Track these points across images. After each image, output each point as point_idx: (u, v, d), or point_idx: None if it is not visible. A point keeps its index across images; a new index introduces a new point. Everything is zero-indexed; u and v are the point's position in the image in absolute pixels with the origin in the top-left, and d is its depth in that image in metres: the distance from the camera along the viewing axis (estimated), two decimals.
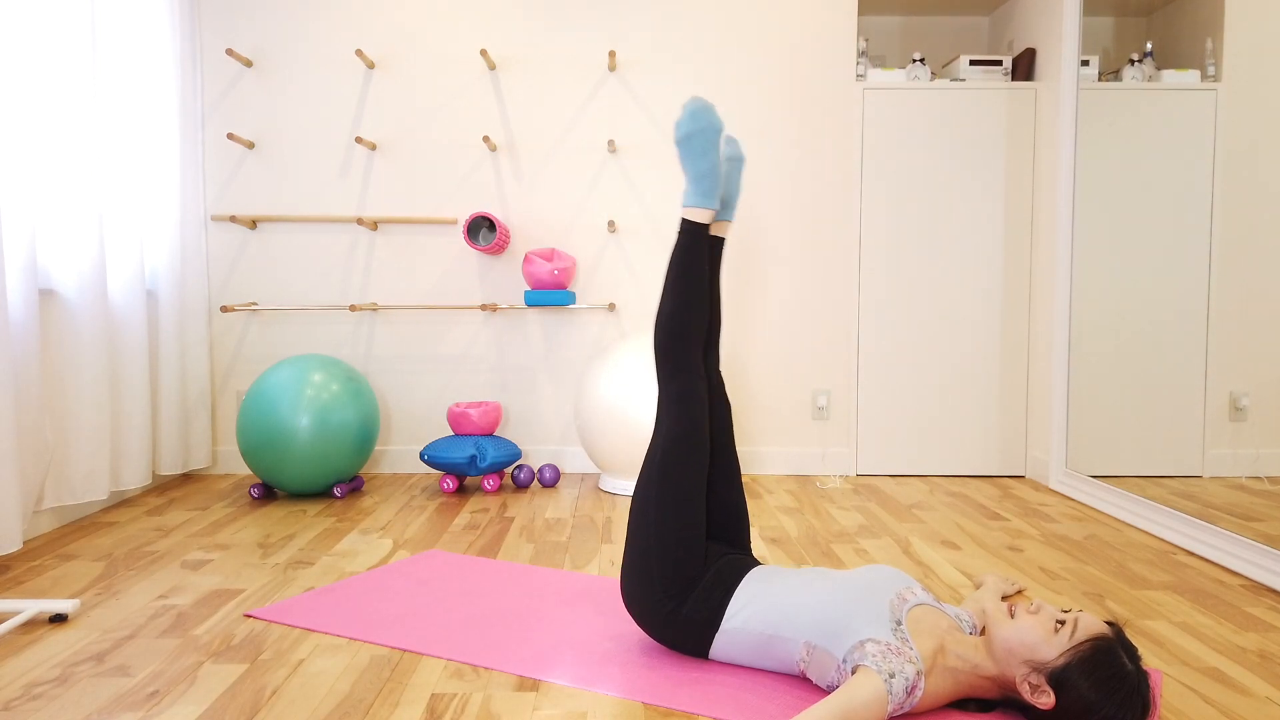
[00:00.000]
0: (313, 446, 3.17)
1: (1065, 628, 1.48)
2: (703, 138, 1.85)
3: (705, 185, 1.87)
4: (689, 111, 1.86)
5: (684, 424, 1.82)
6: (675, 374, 1.86)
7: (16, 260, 2.55)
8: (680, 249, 1.88)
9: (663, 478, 1.79)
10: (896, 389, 3.80)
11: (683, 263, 1.87)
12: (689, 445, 1.81)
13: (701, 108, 1.86)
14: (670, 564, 1.76)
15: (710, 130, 1.85)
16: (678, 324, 1.86)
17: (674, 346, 1.86)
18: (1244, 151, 2.67)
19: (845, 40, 3.77)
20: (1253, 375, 2.65)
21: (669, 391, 1.86)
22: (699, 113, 1.85)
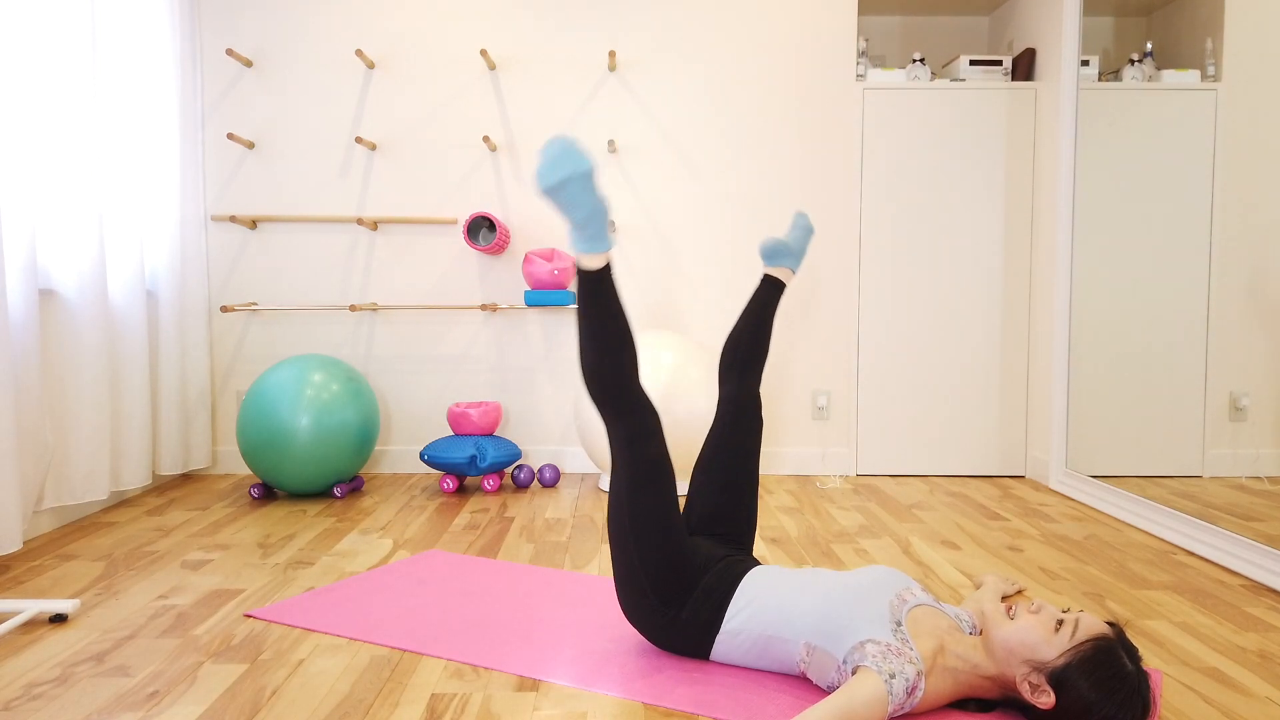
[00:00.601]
0: (313, 446, 3.17)
1: (1065, 628, 1.48)
2: (574, 185, 1.66)
3: (590, 230, 1.70)
4: (548, 160, 1.65)
5: (641, 464, 1.75)
6: (619, 417, 1.78)
7: (16, 260, 2.55)
8: (583, 299, 1.74)
9: (634, 516, 1.76)
10: (896, 389, 3.80)
11: (590, 311, 1.74)
12: (651, 482, 1.75)
13: (560, 153, 1.65)
14: (660, 582, 1.76)
15: (578, 175, 1.65)
16: (605, 371, 1.75)
17: (609, 393, 1.77)
18: (1244, 151, 2.67)
19: (845, 40, 3.77)
20: (1253, 375, 2.65)
21: (617, 435, 1.78)
22: (559, 159, 1.64)
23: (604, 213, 1.71)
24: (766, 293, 2.23)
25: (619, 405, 1.77)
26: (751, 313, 2.20)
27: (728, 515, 1.98)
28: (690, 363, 3.33)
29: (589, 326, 1.74)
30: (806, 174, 3.80)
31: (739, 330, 2.19)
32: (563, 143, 1.65)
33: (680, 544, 1.77)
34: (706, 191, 3.81)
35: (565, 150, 1.65)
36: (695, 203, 3.81)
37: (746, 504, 2.01)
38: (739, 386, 2.11)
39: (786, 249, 2.27)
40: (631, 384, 1.78)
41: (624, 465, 1.77)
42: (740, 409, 2.07)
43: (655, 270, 3.82)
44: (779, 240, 2.27)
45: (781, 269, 2.26)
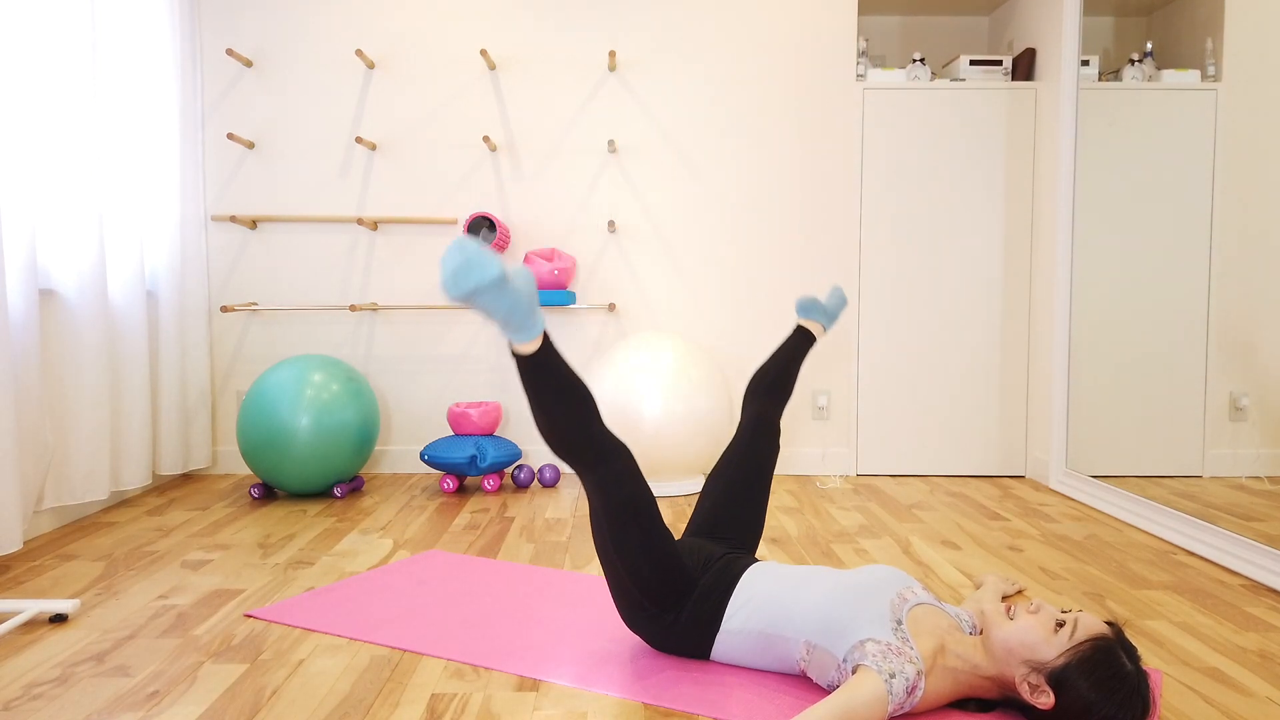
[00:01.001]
0: (313, 446, 3.17)
1: (1065, 628, 1.48)
2: (484, 293, 1.54)
3: (516, 321, 1.61)
4: (449, 274, 1.52)
5: (616, 507, 1.72)
6: (587, 469, 1.74)
7: (16, 260, 2.55)
8: (525, 379, 1.68)
9: (618, 548, 1.74)
10: (896, 389, 3.80)
11: (535, 387, 1.68)
12: (630, 520, 1.72)
13: (461, 265, 1.51)
14: (655, 594, 1.76)
15: (484, 284, 1.53)
16: (562, 433, 1.70)
17: (572, 452, 1.72)
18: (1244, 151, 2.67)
19: (845, 40, 3.77)
20: (1253, 375, 2.65)
21: (587, 482, 1.75)
22: (462, 271, 1.51)
23: (526, 302, 1.60)
24: (797, 342, 2.34)
25: (584, 459, 1.73)
26: (780, 358, 2.30)
27: (735, 522, 2.02)
28: (690, 363, 3.33)
29: (537, 400, 1.69)
30: (806, 174, 3.80)
31: (766, 369, 2.28)
32: (462, 255, 1.51)
33: (670, 561, 1.75)
34: (706, 191, 3.81)
35: (467, 261, 1.51)
36: (695, 203, 3.81)
37: (754, 513, 2.05)
38: (760, 413, 2.18)
39: (821, 308, 2.42)
40: (592, 437, 1.72)
41: (600, 508, 1.75)
42: (758, 431, 2.14)
43: (655, 270, 3.82)
44: (815, 299, 2.41)
45: (814, 323, 2.40)
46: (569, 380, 1.69)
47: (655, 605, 1.77)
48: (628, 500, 1.72)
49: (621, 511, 1.71)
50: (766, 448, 2.12)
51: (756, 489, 2.06)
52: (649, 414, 3.23)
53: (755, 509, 2.05)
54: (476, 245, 1.53)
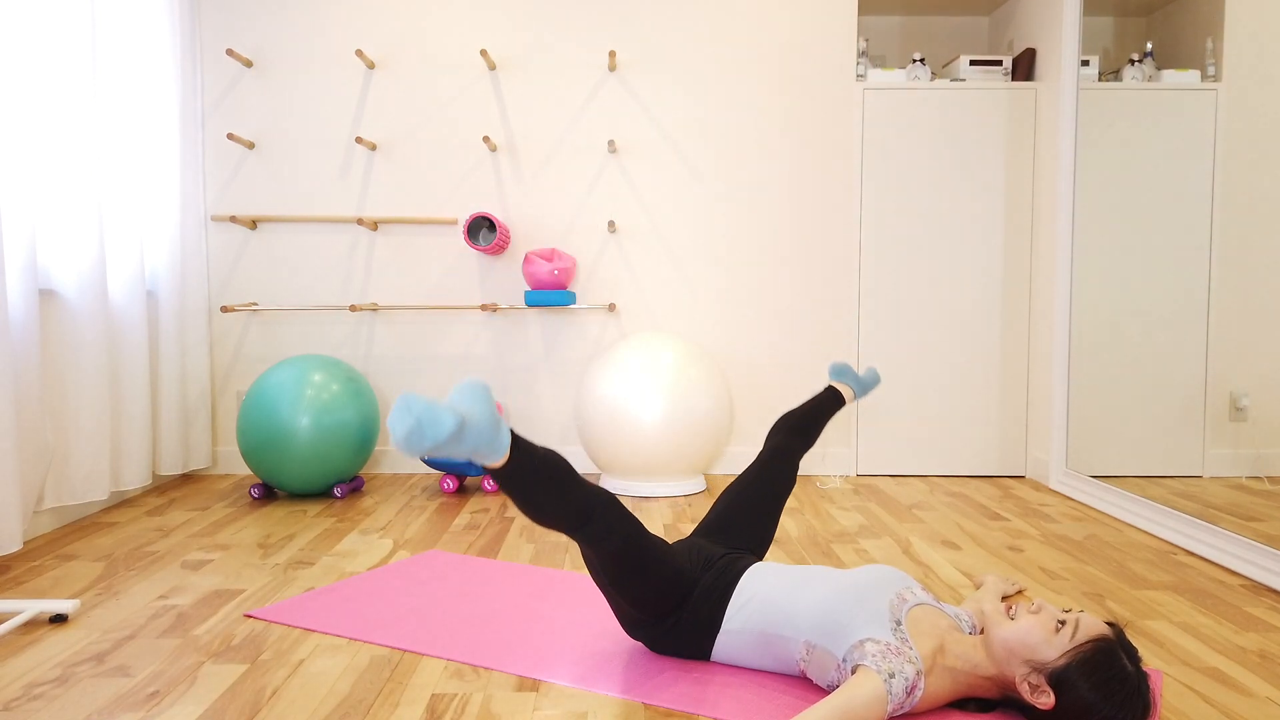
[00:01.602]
0: (313, 447, 3.17)
1: (1066, 628, 1.48)
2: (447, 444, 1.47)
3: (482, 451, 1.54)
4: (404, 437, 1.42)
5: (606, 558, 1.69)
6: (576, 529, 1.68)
7: (16, 260, 2.55)
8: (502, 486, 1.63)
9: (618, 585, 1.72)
10: (896, 389, 3.80)
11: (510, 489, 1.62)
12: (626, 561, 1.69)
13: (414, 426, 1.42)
14: (654, 610, 1.76)
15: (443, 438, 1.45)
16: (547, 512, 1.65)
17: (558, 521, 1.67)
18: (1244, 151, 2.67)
19: (845, 40, 3.77)
20: (1253, 375, 2.65)
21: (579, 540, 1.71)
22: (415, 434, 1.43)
23: (487, 431, 1.52)
24: (827, 401, 2.42)
25: (570, 524, 1.68)
26: (808, 413, 2.36)
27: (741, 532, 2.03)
28: (690, 363, 3.33)
29: (518, 497, 1.63)
30: (806, 174, 3.80)
31: (793, 418, 2.34)
32: (412, 417, 1.41)
33: (669, 581, 1.73)
34: (706, 191, 3.81)
35: (418, 423, 1.42)
36: (695, 203, 3.81)
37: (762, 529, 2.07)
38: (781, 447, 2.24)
39: (855, 376, 2.53)
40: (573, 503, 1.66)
41: (593, 558, 1.72)
42: (776, 459, 2.19)
43: (655, 270, 3.82)
44: (849, 366, 2.54)
45: (845, 387, 2.50)
46: (543, 468, 1.62)
47: (655, 617, 1.77)
48: (619, 549, 1.69)
49: (616, 560, 1.69)
50: (783, 476, 2.17)
51: (768, 506, 2.10)
52: (649, 414, 3.23)
53: (765, 523, 2.08)
54: (424, 403, 1.42)
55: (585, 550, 1.73)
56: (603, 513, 1.69)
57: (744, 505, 2.08)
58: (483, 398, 1.54)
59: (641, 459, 3.28)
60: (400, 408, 1.42)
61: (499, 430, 1.56)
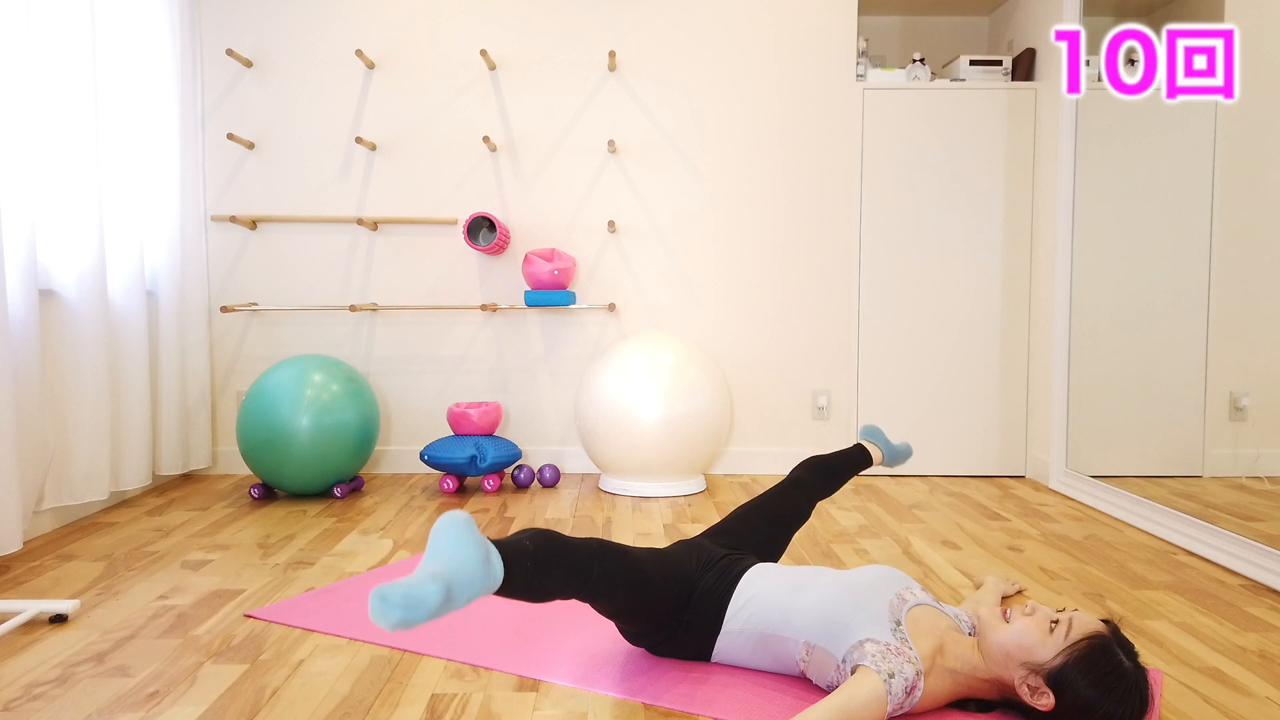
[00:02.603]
0: (313, 447, 3.17)
1: (1060, 628, 1.48)
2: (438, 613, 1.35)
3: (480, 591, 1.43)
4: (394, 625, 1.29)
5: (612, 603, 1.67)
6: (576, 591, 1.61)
7: (16, 260, 2.55)
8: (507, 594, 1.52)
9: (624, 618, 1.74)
10: (896, 389, 3.80)
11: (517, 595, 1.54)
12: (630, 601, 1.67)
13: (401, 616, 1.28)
14: (654, 621, 1.76)
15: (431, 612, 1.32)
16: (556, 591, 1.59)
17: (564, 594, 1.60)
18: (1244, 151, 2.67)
19: (845, 40, 3.77)
20: (1253, 375, 2.65)
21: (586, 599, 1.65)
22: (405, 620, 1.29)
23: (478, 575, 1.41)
24: (856, 456, 2.42)
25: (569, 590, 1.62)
26: (834, 462, 2.36)
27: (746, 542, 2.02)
28: (689, 362, 3.33)
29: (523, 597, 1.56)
30: (806, 174, 3.80)
31: (819, 462, 2.34)
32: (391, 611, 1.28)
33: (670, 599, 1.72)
34: (706, 191, 3.81)
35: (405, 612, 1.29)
36: (695, 203, 3.81)
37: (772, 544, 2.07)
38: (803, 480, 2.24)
39: (886, 441, 2.54)
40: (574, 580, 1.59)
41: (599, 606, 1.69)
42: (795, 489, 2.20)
43: (655, 270, 3.82)
44: (880, 431, 2.56)
45: (874, 448, 2.49)
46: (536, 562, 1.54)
47: (654, 620, 1.77)
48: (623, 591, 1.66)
49: (619, 604, 1.68)
50: (797, 508, 2.17)
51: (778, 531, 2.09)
52: (649, 414, 3.23)
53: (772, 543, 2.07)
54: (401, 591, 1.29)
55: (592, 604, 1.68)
56: (599, 567, 1.62)
57: (754, 523, 2.07)
58: (464, 539, 1.41)
59: (641, 459, 3.28)
60: (377, 605, 1.27)
61: (489, 567, 1.43)
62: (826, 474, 2.31)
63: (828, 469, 2.32)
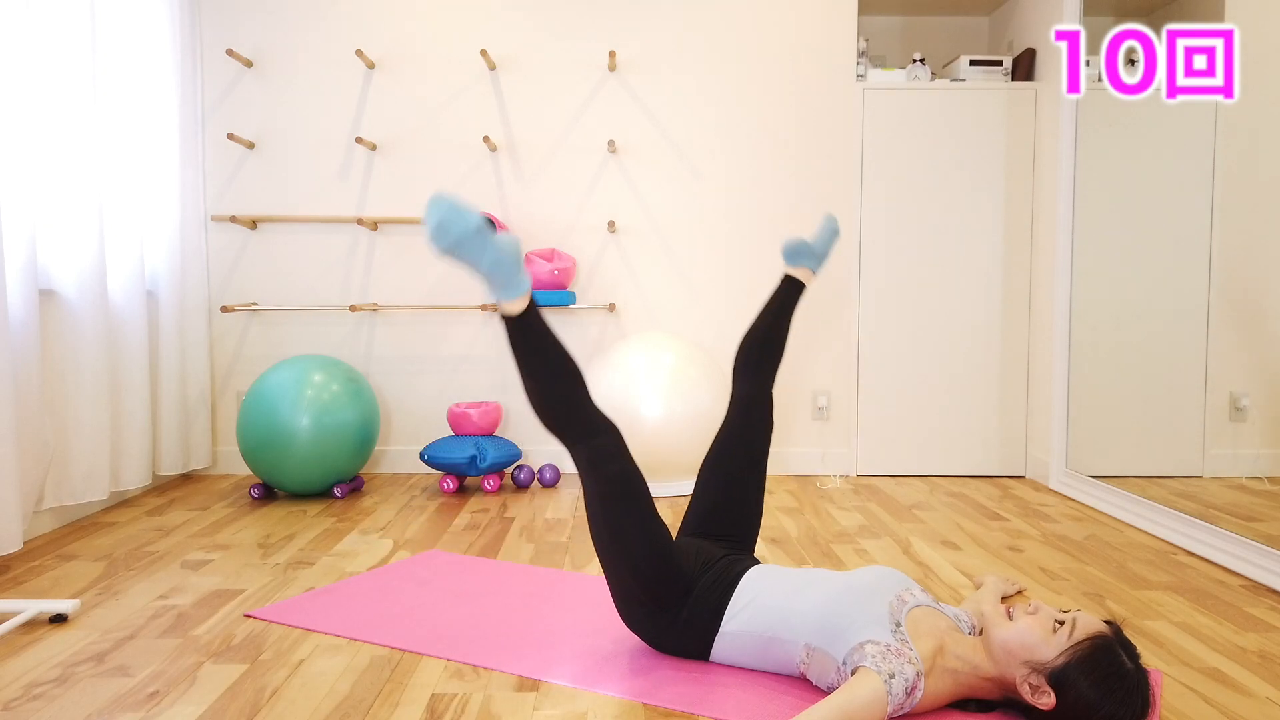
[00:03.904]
0: (313, 447, 3.17)
1: (1064, 628, 1.48)
2: (468, 243, 1.64)
3: (500, 277, 1.68)
4: (433, 226, 1.62)
5: (606, 484, 1.75)
6: (577, 441, 1.77)
7: (16, 260, 2.55)
8: (514, 343, 1.74)
9: (612, 533, 1.75)
10: (896, 389, 3.80)
11: (524, 352, 1.74)
12: (622, 499, 1.75)
13: (443, 218, 1.61)
14: (654, 590, 1.76)
15: (467, 233, 1.63)
16: (552, 402, 1.75)
17: (560, 421, 1.76)
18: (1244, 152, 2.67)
19: (845, 40, 3.77)
20: (1253, 375, 2.65)
21: (578, 458, 1.78)
22: (445, 224, 1.61)
23: (511, 257, 1.67)
24: (785, 293, 2.22)
25: (574, 433, 1.76)
26: (769, 313, 2.19)
27: (730, 515, 1.99)
28: (689, 362, 3.33)
29: (526, 367, 1.74)
30: (806, 174, 3.80)
31: (755, 330, 2.17)
32: (444, 205, 1.61)
33: (667, 552, 1.75)
34: (706, 191, 3.81)
35: (448, 213, 1.61)
36: (695, 203, 3.81)
37: (751, 504, 2.01)
38: (752, 386, 2.10)
39: (809, 250, 2.26)
40: (581, 410, 1.76)
41: (592, 487, 1.77)
42: (750, 409, 2.07)
43: (655, 270, 3.82)
44: (802, 240, 2.26)
45: (802, 269, 2.25)
46: (556, 350, 1.75)
47: (654, 602, 1.77)
48: (618, 476, 1.73)
49: (614, 487, 1.72)
50: (759, 427, 2.06)
51: (752, 481, 2.02)
52: (649, 414, 3.23)
53: (752, 504, 2.02)
54: (454, 199, 1.63)
55: (586, 479, 1.74)
56: (610, 436, 1.76)
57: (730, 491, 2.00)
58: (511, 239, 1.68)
59: (641, 459, 3.28)
60: (432, 201, 1.61)
61: (521, 269, 1.69)
62: (771, 347, 2.15)
63: (769, 339, 2.15)
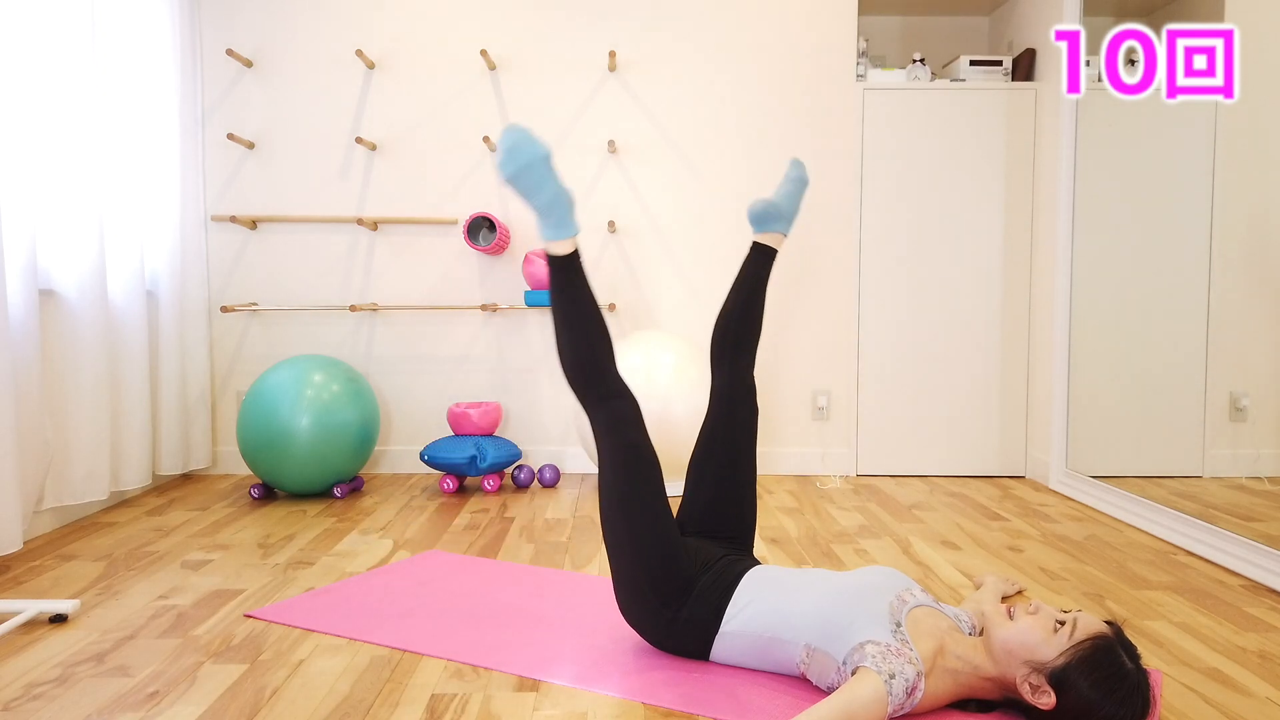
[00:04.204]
0: (313, 447, 3.17)
1: (1064, 628, 1.48)
2: (532, 171, 1.73)
3: (554, 216, 1.77)
4: (505, 149, 1.73)
5: (622, 450, 1.78)
6: (599, 403, 1.81)
7: (17, 261, 2.55)
8: (555, 285, 1.80)
9: (622, 503, 1.77)
10: (896, 389, 3.80)
11: (563, 297, 1.79)
12: (635, 468, 1.77)
13: (516, 141, 1.72)
14: (656, 577, 1.76)
15: (536, 161, 1.73)
16: (582, 356, 1.79)
17: (587, 375, 1.80)
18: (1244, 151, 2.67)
19: (845, 40, 3.77)
20: (1253, 375, 2.65)
21: (598, 421, 1.81)
22: (516, 147, 1.72)
23: (567, 199, 1.78)
24: (756, 264, 2.07)
25: (599, 391, 1.81)
26: (741, 287, 2.06)
27: (725, 513, 1.95)
28: (689, 362, 3.33)
29: (563, 313, 1.80)
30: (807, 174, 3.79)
31: (729, 309, 2.06)
32: (518, 132, 1.73)
33: (673, 536, 1.78)
34: (706, 191, 3.81)
35: (521, 138, 1.73)
36: (695, 203, 3.81)
37: (744, 500, 1.97)
38: (731, 374, 2.03)
39: (776, 211, 2.08)
40: (609, 370, 1.82)
41: (608, 453, 1.80)
42: (733, 400, 2.00)
43: (655, 270, 3.82)
44: (768, 202, 2.08)
45: (772, 235, 2.08)
46: (592, 305, 1.81)
47: (655, 594, 1.76)
48: (635, 444, 1.77)
49: (629, 454, 1.75)
50: (744, 419, 1.98)
51: (743, 476, 1.96)
52: (649, 414, 3.23)
53: (746, 499, 1.96)
54: (528, 129, 1.76)
55: (603, 445, 1.78)
56: (631, 404, 1.81)
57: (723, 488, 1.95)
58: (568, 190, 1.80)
59: None
60: (508, 129, 1.74)
61: (573, 214, 1.79)
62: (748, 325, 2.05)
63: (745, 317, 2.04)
